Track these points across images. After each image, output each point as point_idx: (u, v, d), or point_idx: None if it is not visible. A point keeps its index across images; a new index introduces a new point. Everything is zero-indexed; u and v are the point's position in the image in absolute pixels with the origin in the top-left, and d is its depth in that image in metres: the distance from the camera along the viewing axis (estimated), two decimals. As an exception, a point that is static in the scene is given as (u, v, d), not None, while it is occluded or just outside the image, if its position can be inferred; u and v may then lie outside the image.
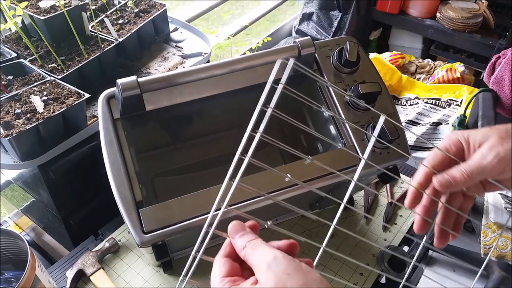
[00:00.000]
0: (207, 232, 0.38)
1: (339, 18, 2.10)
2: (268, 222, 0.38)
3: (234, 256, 0.41)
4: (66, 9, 0.94)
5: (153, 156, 0.82)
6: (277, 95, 0.35)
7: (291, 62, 0.36)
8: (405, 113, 1.72)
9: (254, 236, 0.40)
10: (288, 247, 0.41)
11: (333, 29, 2.13)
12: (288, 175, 0.37)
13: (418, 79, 1.93)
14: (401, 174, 0.91)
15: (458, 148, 0.48)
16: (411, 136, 1.66)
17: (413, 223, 0.92)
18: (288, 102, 0.38)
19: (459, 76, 1.82)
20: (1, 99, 0.82)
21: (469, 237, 1.82)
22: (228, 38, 1.89)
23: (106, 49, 0.97)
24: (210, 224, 0.38)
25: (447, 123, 1.63)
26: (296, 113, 0.83)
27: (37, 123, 0.78)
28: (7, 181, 1.04)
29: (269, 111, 0.34)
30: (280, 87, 0.36)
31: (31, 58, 0.96)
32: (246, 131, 0.35)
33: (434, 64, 2.00)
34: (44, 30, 0.95)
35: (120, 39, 0.99)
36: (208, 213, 0.63)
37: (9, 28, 1.02)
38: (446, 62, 2.03)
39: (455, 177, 0.46)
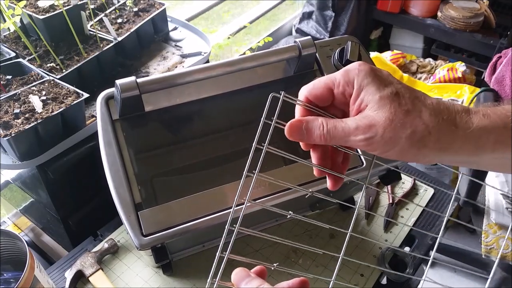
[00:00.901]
0: (231, 231, 0.36)
1: (332, 19, 2.10)
2: (274, 265, 0.37)
3: None
4: (65, 8, 0.93)
5: (152, 158, 0.81)
6: (270, 132, 0.36)
7: (281, 95, 0.36)
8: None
9: (260, 281, 0.38)
10: (299, 285, 0.39)
11: (329, 29, 2.12)
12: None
13: (419, 79, 1.92)
14: (401, 175, 0.91)
15: (344, 89, 0.38)
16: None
17: (414, 223, 0.91)
18: (289, 102, 0.38)
19: (460, 75, 1.81)
20: (0, 99, 0.82)
21: (469, 238, 1.82)
22: (228, 37, 1.88)
23: (105, 48, 0.96)
24: (234, 222, 0.37)
25: (448, 123, 1.63)
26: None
27: (35, 123, 0.77)
28: (6, 181, 1.04)
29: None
30: (273, 124, 0.36)
31: (29, 57, 0.95)
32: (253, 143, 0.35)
33: (435, 64, 1.99)
34: (43, 29, 0.94)
35: (119, 39, 0.99)
36: (209, 214, 0.63)
37: (8, 28, 1.02)
38: (447, 62, 2.02)
39: (313, 135, 0.38)
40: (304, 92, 0.40)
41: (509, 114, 0.36)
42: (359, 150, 0.68)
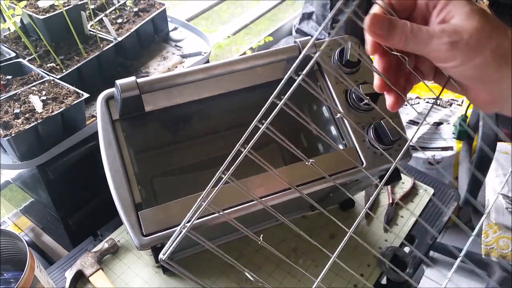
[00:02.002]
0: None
1: (331, 20, 2.10)
2: (260, 238, 0.36)
3: None
4: (65, 8, 0.93)
5: (153, 157, 0.81)
6: (294, 86, 0.33)
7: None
8: (406, 113, 1.72)
9: None
10: None
11: (329, 29, 2.12)
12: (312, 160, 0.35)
13: (418, 79, 1.92)
14: (402, 175, 0.91)
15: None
16: (410, 136, 1.65)
17: (414, 223, 0.91)
18: (289, 102, 0.38)
19: (460, 75, 1.81)
20: (0, 99, 0.82)
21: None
22: (228, 37, 1.88)
23: (105, 48, 0.96)
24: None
25: (448, 123, 1.63)
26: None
27: (36, 123, 0.77)
28: (6, 181, 1.04)
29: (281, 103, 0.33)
30: (300, 78, 0.34)
31: (30, 57, 0.95)
32: (252, 123, 0.33)
33: (435, 64, 1.99)
34: (43, 29, 0.95)
35: (119, 39, 0.99)
36: (209, 214, 0.63)
37: (8, 28, 1.02)
38: (447, 62, 2.02)
39: (395, 31, 0.35)
40: None
41: None
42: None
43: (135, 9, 1.07)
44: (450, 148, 1.60)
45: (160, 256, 0.31)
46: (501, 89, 0.35)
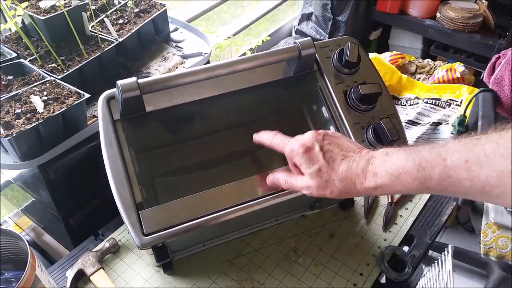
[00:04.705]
0: None
1: (332, 20, 2.11)
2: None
3: None
4: (66, 9, 0.94)
5: (153, 157, 0.82)
6: None
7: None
8: (405, 113, 1.72)
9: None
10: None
11: (328, 30, 2.13)
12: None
13: (418, 79, 1.93)
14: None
15: (292, 159, 0.63)
16: (411, 136, 1.66)
17: (413, 223, 0.92)
18: (288, 103, 0.38)
19: (459, 76, 1.82)
20: (1, 99, 0.82)
21: (469, 237, 1.83)
22: (228, 38, 1.89)
23: (106, 49, 0.97)
24: None
25: (447, 123, 1.63)
26: (296, 114, 0.83)
27: (37, 123, 0.78)
28: (7, 181, 1.04)
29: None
30: None
31: (31, 58, 0.96)
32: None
33: (434, 64, 2.00)
34: (44, 30, 0.95)
35: (120, 39, 0.99)
36: (209, 213, 0.63)
37: (9, 28, 1.02)
38: (446, 62, 2.03)
39: (280, 183, 0.65)
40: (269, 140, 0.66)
41: (395, 172, 0.53)
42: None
43: (136, 10, 1.08)
44: (450, 148, 1.60)
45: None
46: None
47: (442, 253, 1.07)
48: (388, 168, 0.54)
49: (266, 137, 0.65)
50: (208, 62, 1.10)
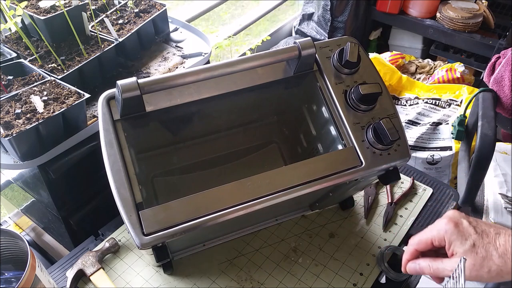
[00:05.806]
0: None
1: (332, 20, 2.11)
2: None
3: None
4: (66, 9, 0.94)
5: (153, 157, 0.82)
6: None
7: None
8: (405, 113, 1.72)
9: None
10: None
11: (328, 30, 2.13)
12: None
13: (418, 79, 1.93)
14: (401, 175, 0.91)
15: (440, 243, 0.58)
16: (411, 136, 1.66)
17: (413, 223, 0.92)
18: (288, 102, 0.38)
19: (459, 76, 1.82)
20: (1, 99, 0.82)
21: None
22: (228, 38, 1.89)
23: (106, 49, 0.97)
24: None
25: (447, 123, 1.63)
26: (296, 114, 0.83)
27: (37, 123, 0.78)
28: (7, 181, 1.04)
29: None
30: None
31: (31, 58, 0.96)
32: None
33: (434, 64, 2.00)
34: (44, 30, 0.95)
35: (120, 39, 0.99)
36: (209, 213, 0.63)
37: (9, 28, 1.02)
38: (446, 62, 2.03)
39: (424, 270, 0.60)
40: (413, 245, 0.61)
41: None
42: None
43: (136, 10, 1.08)
44: (449, 148, 1.60)
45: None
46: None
47: (442, 253, 1.07)
48: None
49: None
50: (208, 62, 1.10)
